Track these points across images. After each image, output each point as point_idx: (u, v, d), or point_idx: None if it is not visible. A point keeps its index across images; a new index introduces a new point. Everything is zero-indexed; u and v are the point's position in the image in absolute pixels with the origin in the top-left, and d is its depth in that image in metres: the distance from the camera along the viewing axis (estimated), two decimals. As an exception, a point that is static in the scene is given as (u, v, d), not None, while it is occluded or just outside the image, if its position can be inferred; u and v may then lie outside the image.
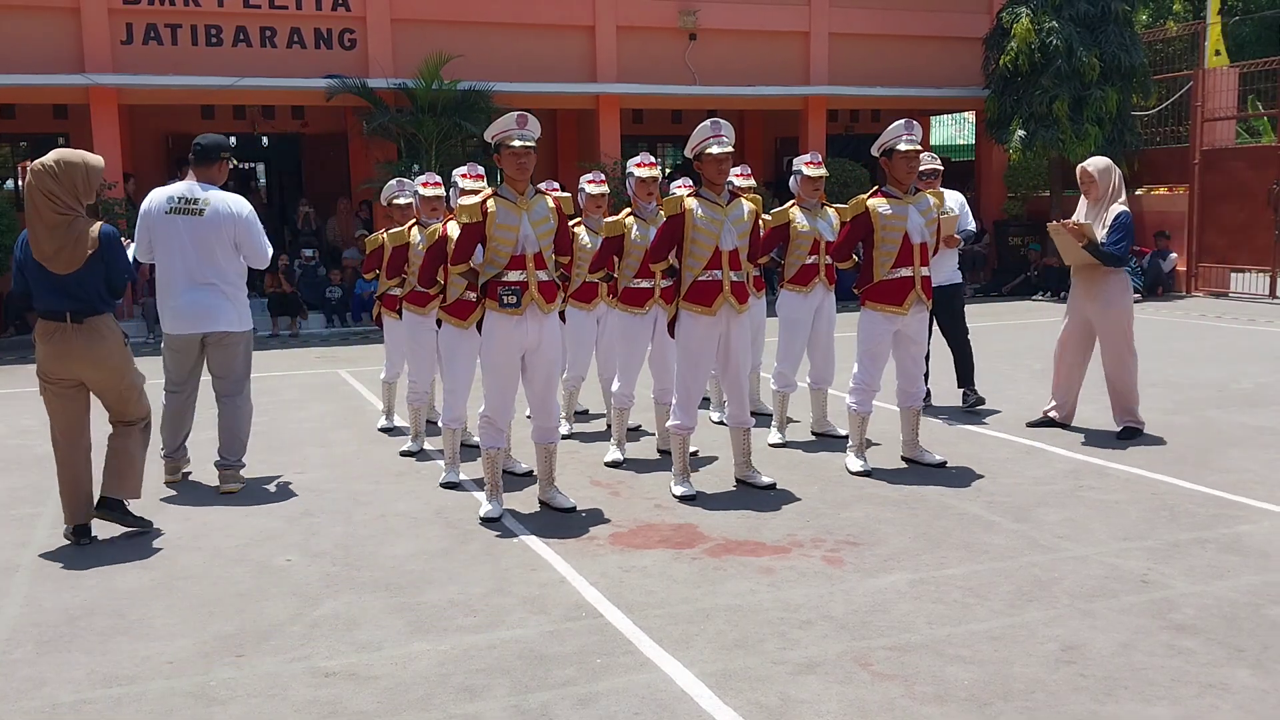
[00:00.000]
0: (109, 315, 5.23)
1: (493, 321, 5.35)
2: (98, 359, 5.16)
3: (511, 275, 5.29)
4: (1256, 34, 26.83)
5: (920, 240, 6.09)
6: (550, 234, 5.39)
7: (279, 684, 3.68)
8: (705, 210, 5.65)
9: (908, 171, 6.04)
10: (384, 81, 14.65)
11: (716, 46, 16.87)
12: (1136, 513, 5.37)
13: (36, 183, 5.02)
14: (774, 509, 5.59)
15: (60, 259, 5.05)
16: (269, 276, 14.58)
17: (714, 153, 5.59)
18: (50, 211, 5.02)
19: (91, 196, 5.20)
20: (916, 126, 6.07)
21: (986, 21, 17.75)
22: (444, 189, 6.69)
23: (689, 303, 5.68)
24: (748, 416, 5.98)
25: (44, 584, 4.72)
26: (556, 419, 5.61)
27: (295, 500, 5.98)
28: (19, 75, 13.48)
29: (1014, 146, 16.58)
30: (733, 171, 7.46)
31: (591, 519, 5.49)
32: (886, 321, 6.15)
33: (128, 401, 5.34)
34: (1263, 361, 9.97)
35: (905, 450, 6.46)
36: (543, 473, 5.67)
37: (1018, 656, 3.77)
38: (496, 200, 5.31)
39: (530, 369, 5.47)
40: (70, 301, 5.09)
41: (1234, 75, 17.07)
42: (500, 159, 5.32)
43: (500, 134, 5.29)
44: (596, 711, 3.44)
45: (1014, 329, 12.93)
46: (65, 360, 5.14)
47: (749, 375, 7.60)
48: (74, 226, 5.06)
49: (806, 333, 7.05)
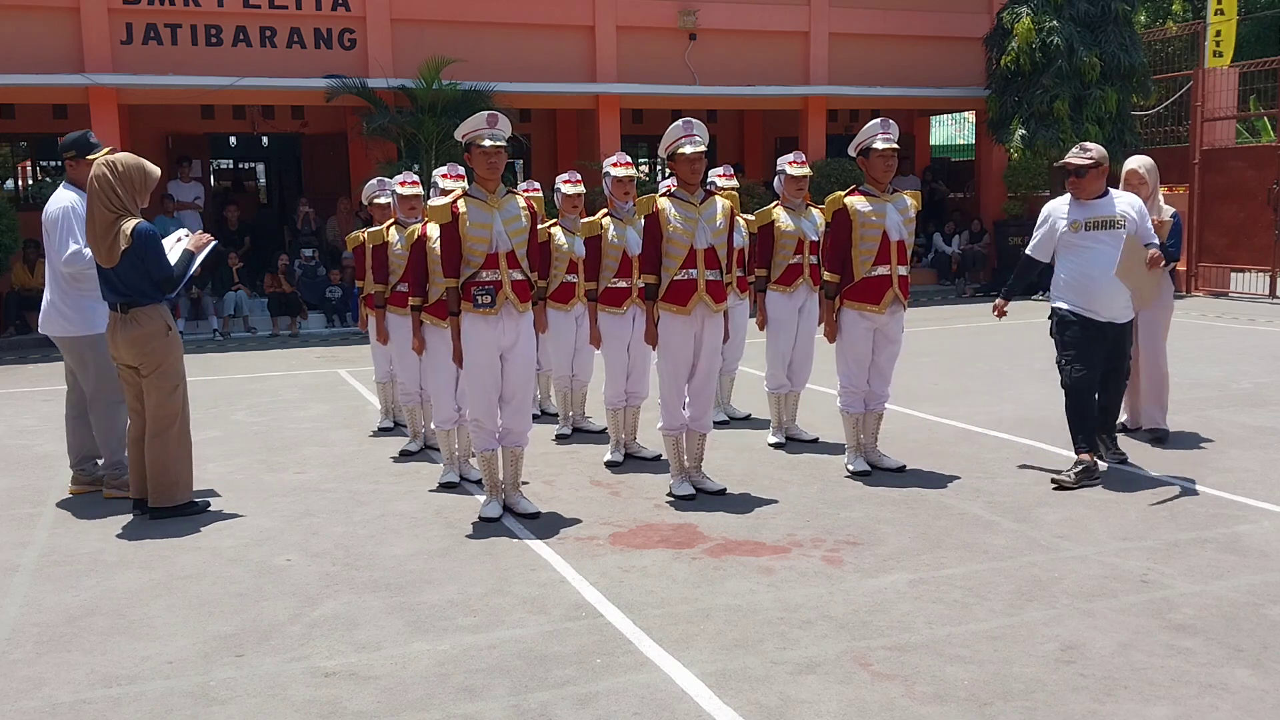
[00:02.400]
0: (155, 306, 5.55)
1: (469, 323, 5.31)
2: (133, 341, 5.50)
3: (485, 275, 5.27)
4: (1256, 34, 26.82)
5: (899, 238, 6.04)
6: (523, 233, 5.38)
7: (279, 684, 3.68)
8: (679, 210, 5.64)
9: (885, 170, 6.01)
10: (384, 82, 14.65)
11: (716, 46, 16.87)
12: (1136, 513, 5.37)
13: (98, 179, 5.43)
14: (774, 509, 5.59)
15: (101, 252, 5.45)
16: (269, 276, 14.58)
17: (686, 152, 5.55)
18: (104, 208, 5.42)
19: (145, 201, 5.60)
20: (892, 125, 6.05)
21: (986, 21, 17.75)
22: (422, 188, 6.63)
23: (666, 303, 5.68)
24: (707, 421, 5.93)
25: (44, 584, 4.72)
26: (528, 423, 5.58)
27: (295, 500, 5.98)
28: (19, 75, 13.48)
29: (1014, 146, 16.59)
30: (715, 171, 7.49)
31: (591, 519, 5.49)
32: (864, 320, 6.09)
33: (160, 390, 5.57)
34: (1263, 361, 9.97)
35: (865, 453, 6.34)
36: (508, 477, 5.61)
37: (1017, 656, 3.77)
38: (467, 200, 5.29)
39: (505, 367, 5.43)
40: (115, 294, 5.51)
41: (1234, 75, 17.07)
42: (471, 158, 5.31)
43: (470, 133, 5.28)
44: (596, 711, 3.44)
45: (1014, 329, 12.92)
46: (115, 346, 5.57)
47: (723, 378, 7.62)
48: (117, 223, 5.42)
49: (792, 333, 7.02)
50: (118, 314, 5.52)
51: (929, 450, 6.72)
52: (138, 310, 5.49)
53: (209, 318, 14.38)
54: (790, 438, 7.12)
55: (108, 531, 5.46)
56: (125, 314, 5.50)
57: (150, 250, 5.47)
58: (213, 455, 7.03)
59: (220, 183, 19.67)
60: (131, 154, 5.66)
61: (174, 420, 5.61)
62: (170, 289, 5.60)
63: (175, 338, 5.64)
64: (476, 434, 5.50)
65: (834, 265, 6.11)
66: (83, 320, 5.91)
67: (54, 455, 7.09)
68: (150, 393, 5.58)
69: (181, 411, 5.66)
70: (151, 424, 5.59)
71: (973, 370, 9.69)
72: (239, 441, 7.53)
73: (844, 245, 6.07)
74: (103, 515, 5.76)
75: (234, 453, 7.19)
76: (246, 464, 6.87)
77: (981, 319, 13.91)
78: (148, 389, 5.58)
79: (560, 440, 7.31)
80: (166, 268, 5.56)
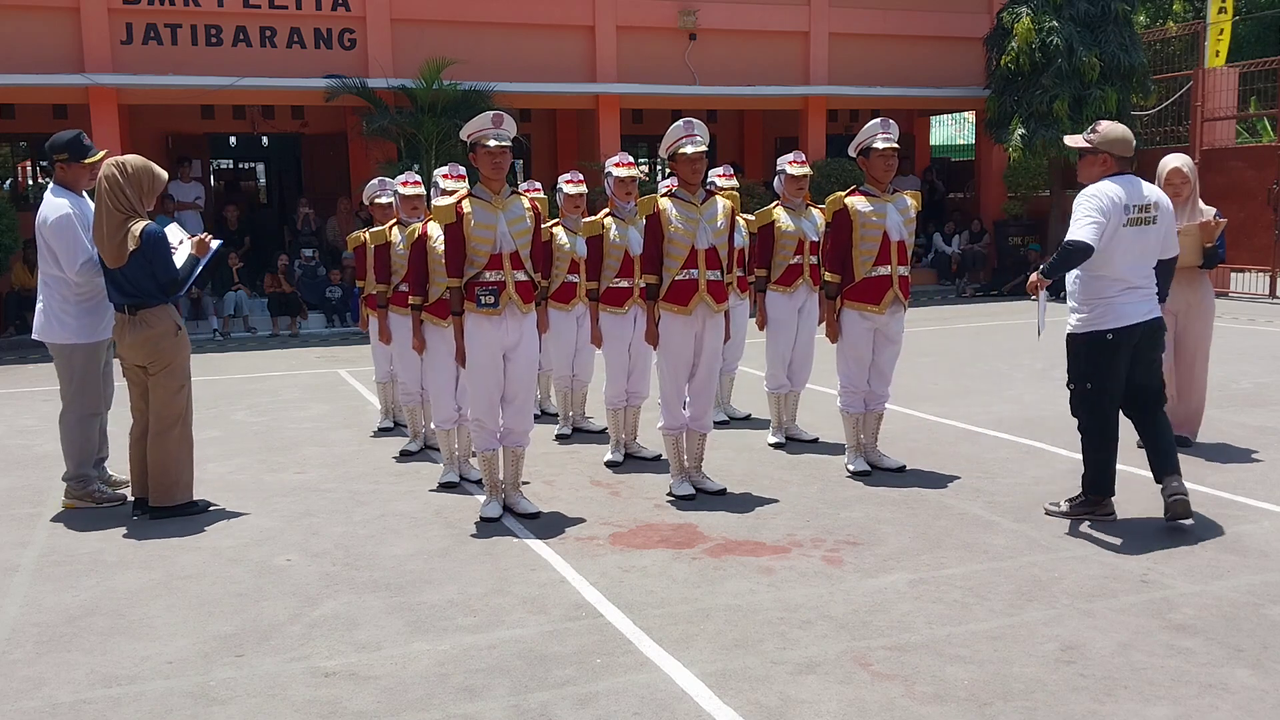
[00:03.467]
0: (164, 307, 5.59)
1: (472, 323, 5.31)
2: (144, 341, 5.53)
3: (489, 275, 5.27)
4: (1256, 34, 26.82)
5: (899, 238, 6.04)
6: (526, 234, 5.39)
7: (279, 684, 3.68)
8: (680, 210, 5.64)
9: (885, 170, 6.01)
10: (384, 82, 14.65)
11: (716, 46, 16.87)
12: (1136, 512, 5.36)
13: (107, 179, 5.45)
14: (774, 509, 5.59)
15: (108, 252, 5.45)
16: (269, 276, 14.58)
17: (688, 152, 5.56)
18: (114, 208, 5.44)
19: (151, 203, 5.63)
20: (892, 125, 6.04)
21: (986, 21, 17.75)
22: (424, 188, 6.63)
23: (667, 303, 5.68)
24: (707, 421, 5.94)
25: (44, 584, 4.72)
26: (530, 423, 5.59)
27: (295, 500, 5.98)
28: (19, 75, 13.48)
29: (1014, 146, 16.59)
30: (715, 171, 7.49)
31: (591, 519, 5.49)
32: (864, 320, 6.08)
33: (166, 389, 5.59)
34: (1263, 361, 9.97)
35: (865, 453, 6.34)
36: (509, 477, 5.61)
37: (1017, 656, 3.77)
38: (472, 200, 5.29)
39: (508, 367, 5.43)
40: (123, 296, 5.52)
41: (1234, 75, 17.07)
42: (476, 158, 5.30)
43: (476, 133, 5.27)
44: (596, 711, 3.43)
45: (1014, 329, 12.93)
46: (125, 347, 5.58)
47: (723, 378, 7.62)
48: (126, 224, 5.44)
49: (792, 333, 7.01)
50: (126, 315, 5.53)
51: (929, 450, 6.72)
52: (146, 311, 5.51)
53: (209, 318, 14.38)
54: (790, 438, 7.12)
55: (108, 531, 5.46)
56: (134, 315, 5.51)
57: (158, 253, 5.49)
58: (213, 455, 7.03)
59: (219, 181, 19.66)
60: (140, 156, 5.67)
61: (177, 420, 5.62)
62: (174, 292, 5.61)
63: (184, 338, 5.67)
64: (478, 434, 5.50)
65: (834, 265, 6.09)
66: (85, 328, 5.78)
67: (54, 455, 7.07)
68: (156, 391, 5.59)
69: (185, 411, 5.67)
70: (155, 423, 5.59)
71: (973, 370, 9.69)
72: (239, 441, 7.54)
73: (844, 245, 6.05)
74: (102, 515, 5.76)
75: (234, 453, 7.19)
76: (246, 464, 6.87)
77: (982, 319, 13.92)
78: (153, 387, 5.60)
79: (560, 440, 7.31)
80: (172, 270, 5.56)
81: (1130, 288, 5.07)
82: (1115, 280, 5.05)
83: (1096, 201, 4.98)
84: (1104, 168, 5.14)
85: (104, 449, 6.05)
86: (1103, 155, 5.14)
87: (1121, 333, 5.06)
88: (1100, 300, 5.08)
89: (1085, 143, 5.21)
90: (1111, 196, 4.99)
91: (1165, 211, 5.17)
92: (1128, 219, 5.01)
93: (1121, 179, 5.10)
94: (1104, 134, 5.16)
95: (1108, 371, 5.11)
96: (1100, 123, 5.30)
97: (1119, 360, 5.10)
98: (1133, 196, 5.05)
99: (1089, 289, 5.11)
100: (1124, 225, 4.99)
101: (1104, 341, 5.08)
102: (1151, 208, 5.08)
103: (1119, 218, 4.98)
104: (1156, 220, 5.10)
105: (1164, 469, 5.17)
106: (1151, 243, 5.10)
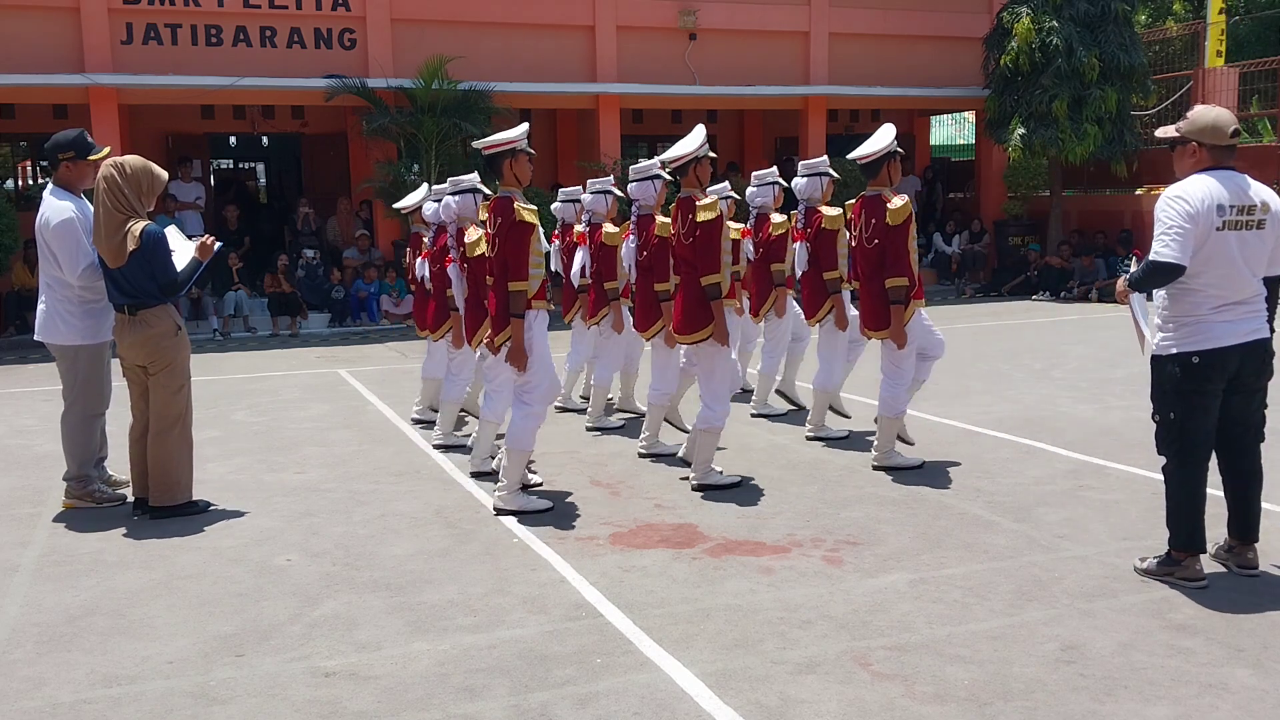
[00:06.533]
0: (163, 307, 5.59)
1: (541, 319, 5.63)
2: (144, 342, 5.54)
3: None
4: (1256, 34, 26.82)
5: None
6: None
7: (279, 684, 3.68)
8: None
9: (900, 174, 6.41)
10: (384, 82, 14.64)
11: (716, 46, 16.87)
12: (1136, 512, 5.37)
13: (106, 179, 5.45)
14: (774, 509, 5.59)
15: (108, 252, 5.45)
16: (269, 276, 14.58)
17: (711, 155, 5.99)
18: (113, 208, 5.44)
19: (151, 204, 5.63)
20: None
21: (986, 21, 17.75)
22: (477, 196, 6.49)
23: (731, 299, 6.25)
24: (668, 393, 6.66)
25: (44, 584, 4.73)
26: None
27: (295, 500, 5.98)
28: (19, 75, 13.47)
29: (1014, 146, 16.59)
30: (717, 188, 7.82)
31: (592, 519, 5.49)
32: (920, 315, 6.37)
33: (167, 389, 5.59)
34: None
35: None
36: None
37: (1017, 656, 3.77)
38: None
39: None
40: (123, 296, 5.51)
41: (1234, 75, 17.08)
42: (515, 164, 5.62)
43: (518, 141, 5.61)
44: (596, 711, 3.44)
45: (1014, 329, 12.92)
46: (125, 347, 5.58)
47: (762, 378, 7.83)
48: (126, 225, 5.44)
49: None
50: (126, 315, 5.54)
51: (929, 450, 6.72)
52: (146, 312, 5.52)
53: (209, 318, 14.37)
54: (815, 437, 7.22)
55: (108, 531, 5.46)
56: (134, 315, 5.52)
57: (158, 254, 5.50)
58: (213, 455, 7.03)
59: (223, 187, 19.66)
60: (138, 156, 5.68)
61: (178, 420, 5.63)
62: (173, 293, 5.61)
63: (184, 338, 5.68)
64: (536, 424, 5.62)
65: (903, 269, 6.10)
66: (89, 329, 5.76)
67: (54, 455, 7.07)
68: (156, 391, 5.60)
69: (185, 411, 5.67)
70: (155, 422, 5.60)
71: (973, 370, 9.68)
72: (239, 441, 7.54)
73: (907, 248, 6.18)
74: (103, 515, 5.76)
75: (234, 453, 7.19)
76: (246, 464, 6.87)
77: (982, 319, 13.92)
78: (154, 387, 5.60)
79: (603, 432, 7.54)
80: (172, 272, 5.57)
81: (1227, 304, 4.25)
82: (1209, 295, 4.25)
83: (1181, 206, 4.18)
84: (1195, 160, 4.33)
85: (104, 449, 6.05)
86: (1192, 145, 4.34)
87: (1212, 356, 4.24)
88: (1190, 318, 4.28)
89: (1175, 132, 4.41)
90: (1200, 196, 4.18)
91: (1278, 215, 4.32)
92: (1223, 221, 4.18)
93: (1219, 174, 4.27)
94: (1192, 120, 4.36)
95: (1195, 402, 4.30)
96: (1195, 107, 4.53)
97: (1210, 390, 4.30)
98: (1232, 195, 4.22)
99: (1177, 305, 4.32)
100: (1218, 229, 4.18)
101: (1191, 366, 4.26)
102: (1258, 209, 4.25)
103: (1210, 221, 4.17)
104: (1265, 224, 4.27)
105: (1243, 535, 4.51)
106: (1257, 250, 4.27)
